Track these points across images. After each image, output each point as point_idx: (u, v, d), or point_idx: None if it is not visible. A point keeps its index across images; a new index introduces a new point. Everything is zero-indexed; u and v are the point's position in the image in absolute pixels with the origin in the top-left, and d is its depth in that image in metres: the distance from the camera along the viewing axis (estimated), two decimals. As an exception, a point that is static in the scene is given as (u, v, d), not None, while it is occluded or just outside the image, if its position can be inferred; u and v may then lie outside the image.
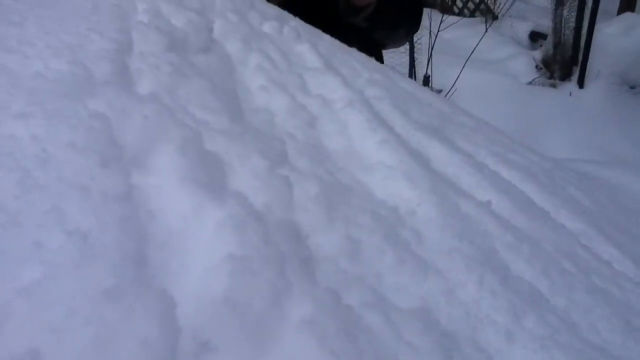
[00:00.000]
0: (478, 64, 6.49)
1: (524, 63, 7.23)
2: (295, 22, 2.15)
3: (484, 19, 8.14)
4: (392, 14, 2.33)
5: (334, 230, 0.79)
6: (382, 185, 1.02)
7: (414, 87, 2.30)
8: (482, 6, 8.65)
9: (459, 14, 8.64)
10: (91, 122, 0.77)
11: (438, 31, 5.40)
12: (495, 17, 8.33)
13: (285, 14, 2.21)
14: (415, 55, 5.77)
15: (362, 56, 2.30)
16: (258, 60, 1.53)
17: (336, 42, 2.26)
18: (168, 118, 0.92)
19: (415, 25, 2.54)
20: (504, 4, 8.39)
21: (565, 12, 6.95)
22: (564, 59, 7.03)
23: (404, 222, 0.89)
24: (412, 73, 5.59)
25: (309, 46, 1.88)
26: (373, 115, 1.47)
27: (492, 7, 8.53)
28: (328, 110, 1.42)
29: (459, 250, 0.83)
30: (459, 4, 8.78)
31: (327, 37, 2.25)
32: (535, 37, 7.88)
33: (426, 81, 5.53)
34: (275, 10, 2.21)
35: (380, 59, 2.55)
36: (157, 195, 0.71)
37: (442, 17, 5.97)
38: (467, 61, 5.70)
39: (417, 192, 0.99)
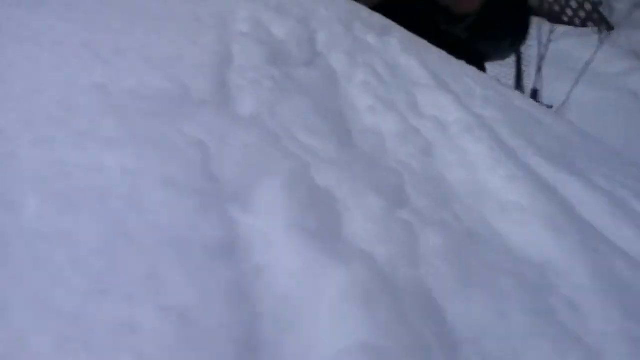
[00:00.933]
0: (590, 78, 6.13)
1: (644, 79, 6.75)
2: (400, 33, 2.04)
3: (596, 29, 7.72)
4: (496, 24, 2.16)
5: (472, 300, 0.66)
6: (520, 234, 0.88)
7: (530, 106, 2.13)
8: (595, 15, 8.21)
9: (568, 23, 8.24)
10: (188, 152, 0.69)
11: (548, 42, 5.13)
12: (610, 28, 7.88)
13: (390, 24, 2.10)
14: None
15: (472, 70, 2.16)
16: (364, 76, 1.42)
17: (444, 55, 2.13)
18: (272, 145, 0.83)
19: (522, 36, 2.36)
20: (621, 13, 7.92)
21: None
22: (693, 75, 6.50)
23: (555, 288, 0.75)
24: (519, 86, 5.33)
25: (417, 60, 1.76)
26: (495, 142, 1.33)
27: (607, 16, 8.07)
28: (444, 134, 1.30)
29: (631, 335, 0.68)
30: (569, 12, 8.37)
31: (434, 49, 2.12)
32: (658, 50, 7.37)
33: (534, 95, 5.27)
34: (379, 19, 2.10)
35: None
36: (263, 246, 0.61)
37: (551, 27, 5.69)
38: (580, 75, 5.39)
39: (565, 247, 0.85)
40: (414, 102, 1.45)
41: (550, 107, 5.24)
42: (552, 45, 6.04)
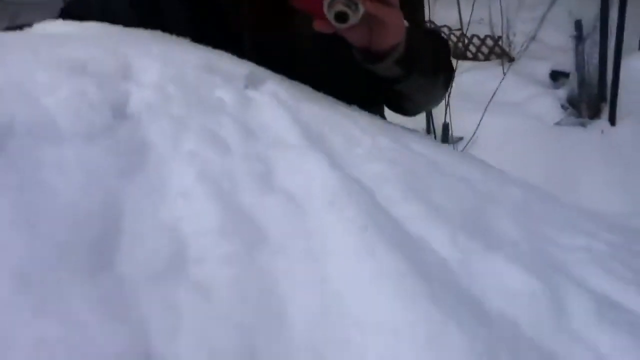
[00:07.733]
0: (498, 108, 5.92)
1: (547, 103, 6.60)
2: (277, 84, 1.57)
3: (500, 62, 7.67)
4: (427, 55, 1.63)
5: None
6: None
7: (436, 151, 1.68)
8: (497, 49, 8.16)
9: (473, 59, 8.17)
10: None
11: (453, 77, 4.87)
12: (512, 59, 7.84)
13: (265, 74, 1.64)
14: (431, 105, 5.25)
15: (366, 116, 1.70)
16: (194, 145, 0.97)
17: (333, 104, 1.67)
18: None
19: (451, 70, 1.88)
20: (519, 46, 7.91)
21: (587, 48, 6.35)
22: (591, 97, 6.39)
23: None
24: (429, 123, 5.02)
25: (289, 116, 1.30)
26: (370, 215, 0.88)
27: (507, 50, 8.03)
28: (295, 216, 0.84)
29: None
30: (472, 48, 8.31)
31: (320, 97, 1.66)
32: (557, 76, 7.29)
33: (445, 129, 4.97)
34: (251, 68, 1.63)
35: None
36: None
37: (456, 62, 5.49)
38: (487, 106, 5.14)
39: None
40: (268, 171, 0.99)
41: (460, 139, 4.95)
42: (460, 79, 5.89)
